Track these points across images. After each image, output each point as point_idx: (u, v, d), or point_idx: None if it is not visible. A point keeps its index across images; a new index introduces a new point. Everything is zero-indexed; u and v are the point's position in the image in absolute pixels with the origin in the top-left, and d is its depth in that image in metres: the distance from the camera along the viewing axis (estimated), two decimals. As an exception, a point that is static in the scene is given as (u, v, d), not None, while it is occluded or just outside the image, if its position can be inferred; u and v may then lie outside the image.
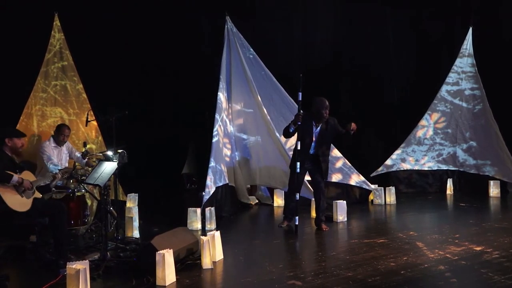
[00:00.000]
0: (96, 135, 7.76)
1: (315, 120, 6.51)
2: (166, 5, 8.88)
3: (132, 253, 5.30)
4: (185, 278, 4.62)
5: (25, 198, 4.91)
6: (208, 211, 6.91)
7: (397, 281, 4.44)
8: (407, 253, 5.38)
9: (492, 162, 9.51)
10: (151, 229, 6.49)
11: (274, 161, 8.47)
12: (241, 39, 8.52)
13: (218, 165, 7.82)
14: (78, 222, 6.11)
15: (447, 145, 9.96)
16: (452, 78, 9.89)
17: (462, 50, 9.84)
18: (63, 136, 6.72)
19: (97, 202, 6.62)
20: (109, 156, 5.80)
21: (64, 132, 6.73)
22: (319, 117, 6.47)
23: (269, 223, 7.71)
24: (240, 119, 8.68)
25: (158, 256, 4.42)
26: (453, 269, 4.79)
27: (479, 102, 9.69)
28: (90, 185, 5.59)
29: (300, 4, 10.00)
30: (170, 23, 8.95)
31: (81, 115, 7.60)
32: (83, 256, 5.21)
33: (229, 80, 8.51)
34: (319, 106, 6.42)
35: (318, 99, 6.48)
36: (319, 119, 6.49)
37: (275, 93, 8.68)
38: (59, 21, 7.64)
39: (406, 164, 9.92)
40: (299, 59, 10.05)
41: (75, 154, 6.92)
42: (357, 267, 4.87)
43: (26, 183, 4.89)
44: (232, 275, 4.87)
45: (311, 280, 4.50)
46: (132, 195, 7.80)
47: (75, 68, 7.71)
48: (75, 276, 4.05)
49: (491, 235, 6.11)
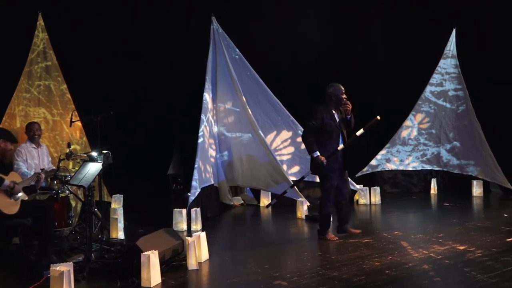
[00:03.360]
0: (80, 135, 7.70)
1: (334, 109, 6.01)
2: (152, 6, 8.85)
3: (117, 254, 5.27)
4: (171, 279, 4.61)
5: (13, 200, 4.87)
6: (193, 212, 6.90)
7: (381, 281, 4.47)
8: (391, 252, 5.42)
9: (475, 162, 9.61)
10: (136, 230, 6.45)
11: (258, 161, 8.46)
12: (227, 39, 8.51)
13: (204, 165, 7.81)
14: (62, 223, 6.07)
15: (431, 145, 10.05)
16: (436, 79, 9.97)
17: (446, 51, 9.93)
18: (32, 133, 6.52)
19: (81, 203, 6.57)
20: (94, 157, 5.76)
21: (33, 128, 6.53)
22: (338, 103, 5.98)
23: (254, 223, 7.72)
24: (225, 119, 8.67)
25: (143, 257, 4.40)
26: (437, 268, 4.84)
27: (462, 102, 9.79)
28: (74, 186, 5.54)
29: (286, 5, 10.02)
30: (156, 24, 8.91)
31: (65, 115, 7.52)
32: (67, 257, 5.17)
33: (215, 81, 8.50)
34: (337, 92, 5.98)
35: (335, 84, 6.05)
36: (338, 105, 5.99)
37: (260, 94, 8.68)
38: (42, 21, 7.57)
39: (391, 164, 9.99)
40: (285, 60, 10.07)
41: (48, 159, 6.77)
42: (342, 267, 4.90)
43: (16, 188, 4.86)
44: (217, 276, 4.87)
45: (296, 280, 4.52)
46: (117, 196, 7.75)
47: (59, 68, 7.63)
48: (59, 278, 4.02)
49: (474, 234, 6.18)
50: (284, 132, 8.80)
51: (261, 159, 8.43)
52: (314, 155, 5.85)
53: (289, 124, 8.73)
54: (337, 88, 6.02)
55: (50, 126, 7.57)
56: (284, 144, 8.85)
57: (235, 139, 8.63)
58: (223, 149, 8.70)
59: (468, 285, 4.40)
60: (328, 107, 6.01)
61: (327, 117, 5.92)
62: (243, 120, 8.51)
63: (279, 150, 8.82)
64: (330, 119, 5.94)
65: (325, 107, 6.00)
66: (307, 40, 10.23)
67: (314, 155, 5.85)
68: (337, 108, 6.03)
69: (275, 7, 9.92)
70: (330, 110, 5.98)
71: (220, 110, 8.65)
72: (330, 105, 6.01)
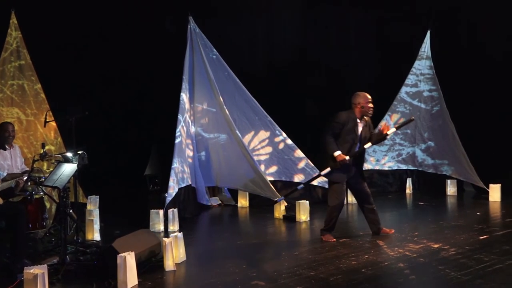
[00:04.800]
0: (55, 136, 7.58)
1: (359, 117, 5.96)
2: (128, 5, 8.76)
3: (92, 256, 5.22)
4: (147, 280, 4.58)
5: None
6: (171, 213, 6.86)
7: (358, 279, 4.52)
8: (368, 251, 5.48)
9: (449, 162, 9.78)
10: (113, 232, 6.39)
11: (235, 162, 8.46)
12: (204, 39, 8.49)
13: (181, 166, 7.77)
14: (37, 225, 5.95)
15: (407, 145, 10.18)
16: (411, 80, 10.10)
17: (420, 53, 10.07)
18: (8, 133, 6.32)
19: (56, 204, 6.47)
20: (69, 157, 5.69)
21: (8, 129, 6.33)
22: (364, 112, 5.95)
23: (232, 224, 7.71)
24: (202, 120, 8.64)
25: (120, 259, 4.36)
26: (412, 266, 4.92)
27: (436, 103, 9.94)
28: (48, 187, 5.46)
29: (264, 5, 10.04)
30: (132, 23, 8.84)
31: (40, 115, 7.40)
32: (42, 260, 5.09)
33: (192, 81, 8.47)
34: (363, 101, 5.93)
35: (361, 93, 6.02)
36: (364, 114, 5.96)
37: (238, 94, 8.68)
38: (16, 19, 7.42)
39: (368, 164, 10.08)
40: (263, 60, 10.09)
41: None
42: (319, 266, 4.93)
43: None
44: (195, 277, 4.85)
45: (274, 280, 4.53)
46: (93, 197, 7.66)
47: (33, 68, 7.50)
48: (33, 281, 3.96)
49: (448, 233, 6.29)
50: (262, 132, 8.81)
51: (238, 160, 8.42)
52: (336, 154, 5.78)
53: (267, 124, 8.74)
54: (363, 97, 5.96)
55: (24, 126, 7.43)
56: (262, 144, 8.86)
57: (212, 139, 8.60)
58: (201, 149, 8.67)
59: (442, 283, 4.48)
60: (353, 114, 5.95)
61: (350, 124, 5.89)
62: (220, 120, 8.49)
63: (256, 150, 8.83)
64: (353, 126, 5.90)
65: (350, 114, 5.95)
66: (284, 41, 10.29)
67: (336, 153, 5.78)
68: (363, 116, 5.97)
69: (252, 7, 9.94)
70: (355, 118, 5.93)
71: (197, 110, 8.62)
72: (355, 113, 5.95)
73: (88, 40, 8.35)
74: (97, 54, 8.46)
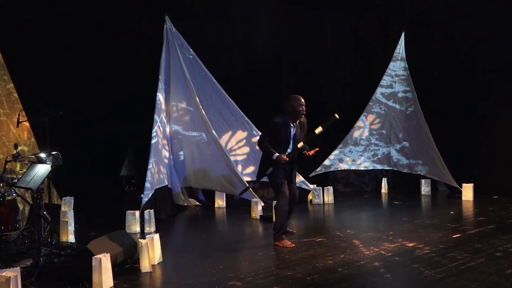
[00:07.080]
0: (28, 136, 7.45)
1: (291, 120, 5.93)
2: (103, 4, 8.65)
3: (67, 258, 5.16)
4: (123, 282, 4.54)
5: None
6: (147, 214, 6.82)
7: (334, 278, 4.56)
8: (344, 251, 5.53)
9: (423, 162, 9.93)
10: (88, 233, 6.30)
11: (211, 162, 8.44)
12: (181, 39, 8.45)
13: (157, 166, 7.72)
14: (9, 227, 5.85)
15: (382, 145, 10.31)
16: (386, 81, 10.23)
17: (395, 54, 10.21)
18: None
19: (29, 206, 6.36)
20: (42, 158, 5.60)
21: None
22: (295, 115, 5.90)
23: (209, 224, 7.69)
24: (182, 118, 8.60)
25: (95, 261, 4.31)
26: (387, 265, 4.98)
27: (411, 104, 10.09)
28: (21, 188, 5.36)
29: (241, 5, 10.04)
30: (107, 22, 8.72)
31: (12, 115, 7.27)
32: (15, 262, 5.00)
33: (168, 81, 8.42)
34: (294, 104, 5.89)
35: (293, 96, 5.98)
36: (296, 117, 5.92)
37: (214, 94, 8.67)
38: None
39: (344, 164, 10.19)
40: (240, 60, 10.09)
41: None
42: (296, 266, 4.96)
43: None
44: (171, 278, 4.82)
45: (251, 280, 4.54)
46: (68, 199, 7.54)
47: (5, 67, 7.37)
48: (6, 284, 3.88)
49: (422, 232, 6.39)
50: (239, 132, 8.82)
51: (214, 160, 8.41)
52: (274, 157, 5.78)
53: (244, 124, 8.75)
54: (294, 100, 5.93)
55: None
56: (239, 145, 8.87)
57: (189, 138, 8.57)
58: (179, 149, 8.63)
59: (417, 281, 4.55)
60: (285, 117, 5.92)
61: (283, 127, 5.87)
62: (196, 120, 8.47)
63: (234, 150, 8.83)
64: (286, 129, 5.89)
65: (283, 118, 5.92)
66: (261, 41, 10.30)
67: (274, 157, 5.79)
68: (295, 119, 5.94)
69: (229, 8, 9.93)
70: (287, 121, 5.90)
71: (174, 110, 8.57)
72: (288, 116, 5.92)
73: (62, 39, 8.21)
74: (71, 53, 8.32)
